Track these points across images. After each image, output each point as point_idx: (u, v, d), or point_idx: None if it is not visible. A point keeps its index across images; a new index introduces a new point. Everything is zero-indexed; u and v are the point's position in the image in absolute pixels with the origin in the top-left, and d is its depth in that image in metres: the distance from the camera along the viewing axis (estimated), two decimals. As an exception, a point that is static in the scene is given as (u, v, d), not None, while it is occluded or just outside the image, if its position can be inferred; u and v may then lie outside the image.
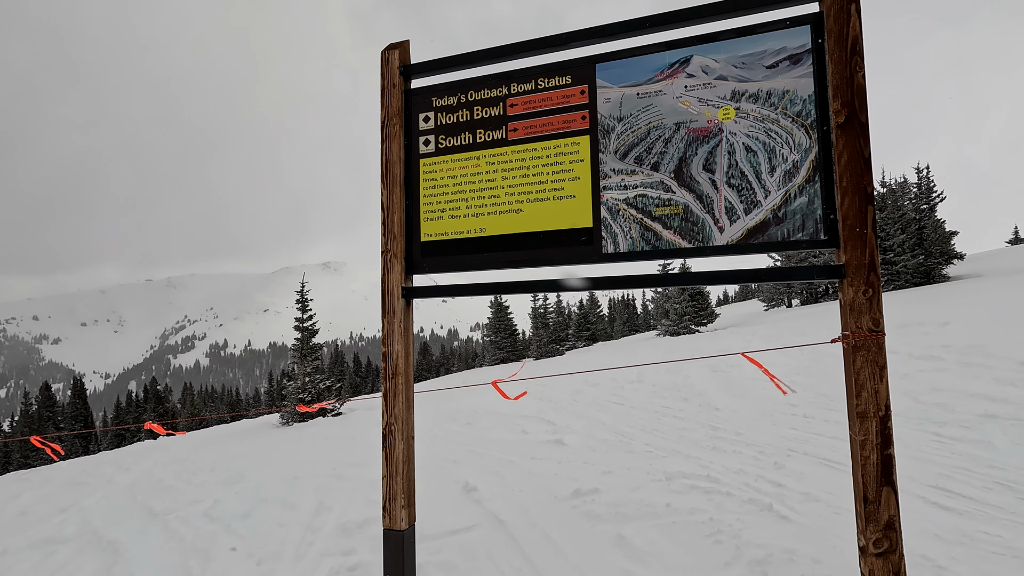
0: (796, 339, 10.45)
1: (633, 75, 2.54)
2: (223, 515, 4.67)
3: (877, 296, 2.15)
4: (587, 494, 3.91)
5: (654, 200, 2.45)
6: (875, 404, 2.12)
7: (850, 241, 2.16)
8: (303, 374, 15.19)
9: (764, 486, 3.65)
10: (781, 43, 2.34)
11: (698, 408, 6.45)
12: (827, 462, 3.99)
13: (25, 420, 43.39)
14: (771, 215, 2.30)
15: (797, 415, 5.39)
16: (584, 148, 2.58)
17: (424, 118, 2.92)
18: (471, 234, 2.76)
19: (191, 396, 57.80)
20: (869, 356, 2.13)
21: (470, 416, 8.25)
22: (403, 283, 2.85)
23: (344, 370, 59.45)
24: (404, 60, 2.98)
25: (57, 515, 5.84)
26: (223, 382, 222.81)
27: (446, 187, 2.82)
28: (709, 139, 2.39)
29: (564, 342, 36.41)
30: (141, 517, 5.14)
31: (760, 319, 24.45)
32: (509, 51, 2.73)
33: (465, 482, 4.60)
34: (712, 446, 4.81)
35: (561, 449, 5.45)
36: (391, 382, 2.84)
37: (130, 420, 45.82)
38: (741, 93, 2.37)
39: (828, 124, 2.24)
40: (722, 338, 15.20)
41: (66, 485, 8.13)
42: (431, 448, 6.35)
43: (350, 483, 5.21)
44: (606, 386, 9.02)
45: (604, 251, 2.51)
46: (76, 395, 43.81)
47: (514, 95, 2.73)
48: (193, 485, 6.36)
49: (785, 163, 2.29)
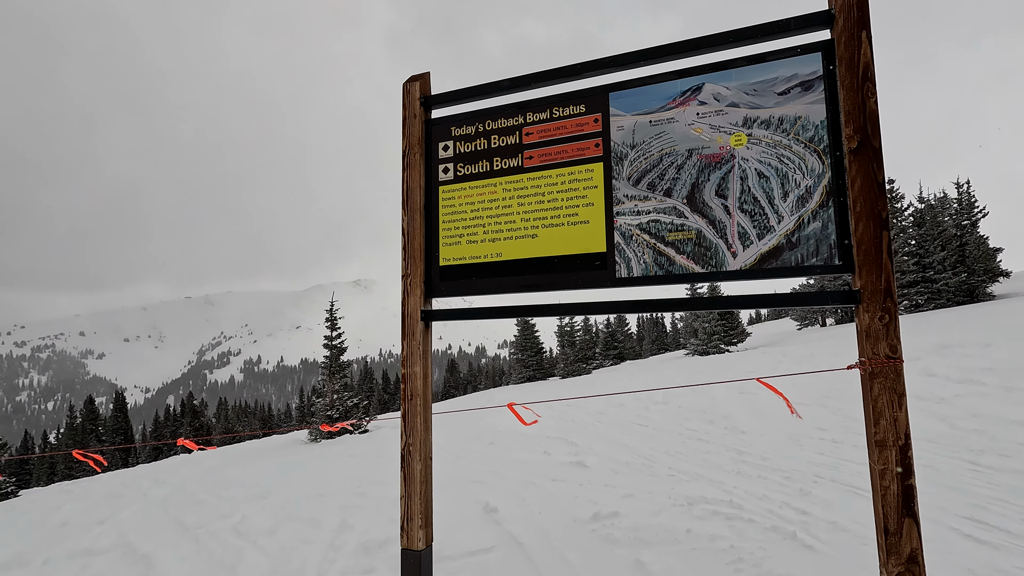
0: (830, 360, 10.16)
1: (646, 103, 2.59)
2: (250, 531, 4.78)
3: (894, 322, 2.12)
4: (607, 518, 3.87)
5: (667, 225, 2.48)
6: (894, 432, 2.08)
7: (865, 266, 2.15)
8: (331, 391, 15.44)
9: (789, 513, 3.56)
10: (792, 70, 2.37)
11: (724, 431, 6.33)
12: (856, 490, 3.86)
13: (70, 433, 45.09)
14: (785, 240, 2.30)
15: (825, 440, 5.24)
16: (598, 175, 2.64)
17: (443, 147, 3.02)
18: (488, 259, 2.83)
19: (225, 411, 59.16)
20: (887, 383, 2.09)
21: (493, 436, 8.25)
22: (422, 306, 2.93)
23: (373, 387, 60.05)
24: (425, 91, 3.10)
25: (95, 527, 6.05)
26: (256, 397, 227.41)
27: (464, 213, 2.91)
28: (721, 165, 2.42)
29: (591, 361, 36.09)
30: (173, 531, 5.29)
31: (792, 339, 23.82)
32: (525, 82, 2.82)
33: (486, 503, 4.61)
34: (736, 471, 4.71)
35: (583, 471, 5.41)
36: (410, 403, 2.90)
37: (168, 434, 47.11)
38: (753, 119, 2.40)
39: (841, 150, 2.25)
40: (752, 358, 14.86)
41: (105, 497, 8.42)
42: (454, 467, 6.37)
43: (373, 501, 5.27)
44: (631, 407, 8.92)
45: (618, 275, 2.54)
46: (118, 409, 45.34)
47: (529, 124, 2.81)
48: (223, 500, 6.52)
49: (798, 188, 2.30)
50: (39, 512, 7.93)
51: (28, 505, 9.51)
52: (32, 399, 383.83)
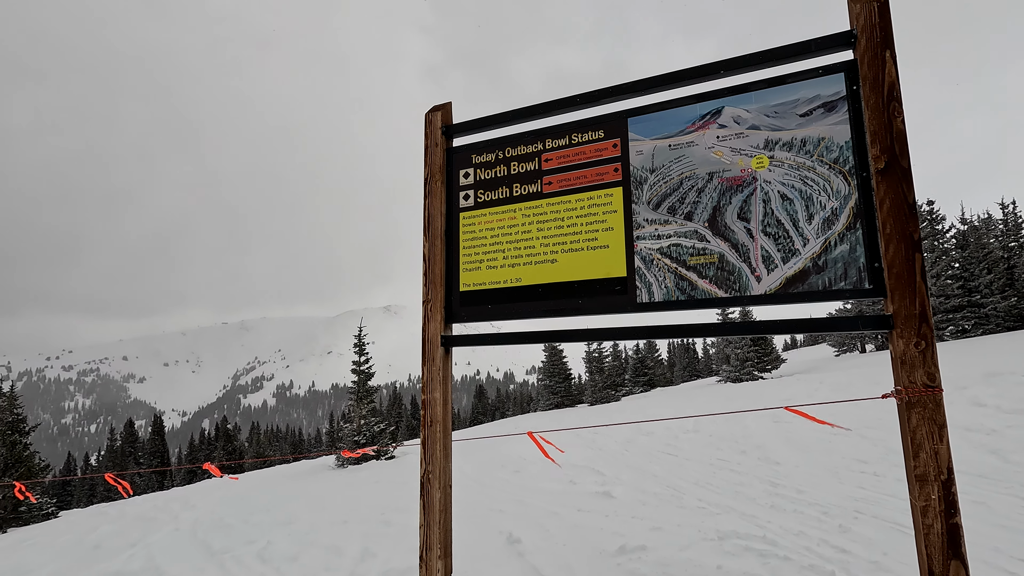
0: (869, 388, 9.74)
1: (665, 127, 2.58)
2: (274, 557, 4.78)
3: (931, 349, 2.02)
4: (633, 551, 3.73)
5: (688, 249, 2.44)
6: (935, 466, 1.96)
7: (897, 290, 2.06)
8: (359, 416, 15.52)
9: (827, 551, 3.36)
10: (814, 91, 2.33)
11: (756, 461, 6.08)
12: (900, 527, 3.64)
13: (110, 455, 46.36)
14: (811, 264, 2.23)
15: (867, 473, 4.97)
16: (617, 199, 2.62)
17: (464, 174, 3.06)
18: (507, 284, 2.82)
19: (258, 435, 60.02)
20: (925, 413, 1.98)
21: (519, 464, 8.13)
22: (443, 331, 2.94)
23: (402, 412, 60.16)
24: (446, 121, 3.16)
25: (127, 549, 6.15)
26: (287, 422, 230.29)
27: (484, 239, 2.92)
28: (743, 188, 2.38)
29: (620, 387, 35.45)
30: (200, 555, 5.33)
31: (829, 365, 22.97)
32: (544, 109, 2.85)
33: (509, 533, 4.51)
34: (770, 504, 4.50)
35: (609, 502, 5.26)
36: (429, 429, 2.88)
37: (202, 457, 47.93)
38: (775, 142, 2.36)
39: (868, 170, 2.18)
40: (787, 386, 14.35)
41: (137, 520, 8.57)
42: (478, 496, 6.28)
43: (396, 529, 5.22)
44: (660, 435, 8.67)
45: (639, 300, 2.50)
46: (155, 432, 46.48)
47: (549, 150, 2.83)
48: (250, 525, 6.55)
49: (823, 210, 2.24)
50: (75, 533, 8.11)
51: (66, 526, 9.75)
52: (76, 421, 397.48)
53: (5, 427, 16.96)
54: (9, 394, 17.86)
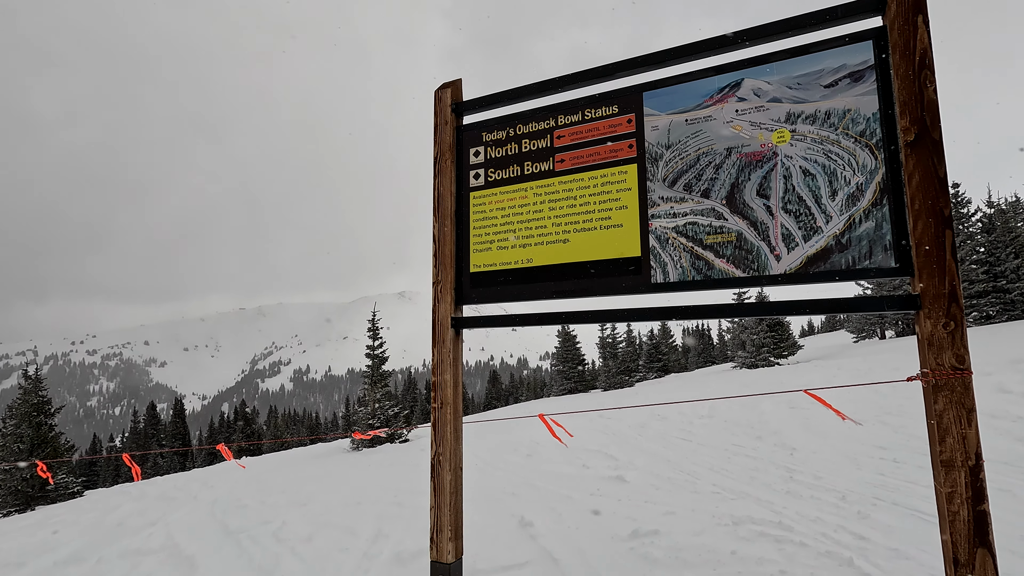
0: (890, 374, 9.56)
1: (681, 101, 2.49)
2: (289, 537, 4.84)
3: (960, 330, 1.93)
4: (646, 535, 3.70)
5: (705, 228, 2.36)
6: (963, 452, 1.88)
7: (926, 269, 1.96)
8: (373, 400, 15.67)
9: (845, 538, 3.30)
10: (840, 60, 2.22)
11: (773, 447, 6.00)
12: (921, 515, 3.55)
13: (133, 437, 47.59)
14: (833, 242, 2.14)
15: (886, 459, 4.87)
16: (631, 177, 2.54)
17: (474, 152, 2.99)
18: (518, 264, 2.77)
19: (275, 419, 61.11)
20: (953, 397, 1.90)
21: (531, 447, 8.13)
22: (452, 313, 2.90)
23: (416, 397, 60.78)
24: (456, 98, 3.09)
25: (147, 527, 6.29)
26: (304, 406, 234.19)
27: (495, 219, 2.86)
28: (763, 163, 2.28)
29: (634, 373, 35.36)
30: (217, 534, 5.42)
31: (848, 351, 22.62)
32: (556, 84, 2.76)
33: (521, 516, 4.51)
34: (786, 490, 4.43)
35: (622, 486, 5.23)
36: (440, 412, 2.86)
37: (222, 439, 48.98)
38: (797, 115, 2.25)
39: (896, 143, 2.08)
40: (804, 372, 14.17)
41: (158, 500, 8.77)
42: (491, 479, 6.29)
43: (409, 511, 5.25)
44: (674, 420, 8.62)
45: (653, 281, 2.43)
46: (176, 415, 47.57)
47: (561, 127, 2.75)
48: (266, 505, 6.65)
49: (848, 186, 2.14)
50: (99, 512, 8.32)
51: (90, 505, 10.02)
52: (101, 404, 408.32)
53: (31, 409, 17.44)
54: (34, 377, 18.33)
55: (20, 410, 17.53)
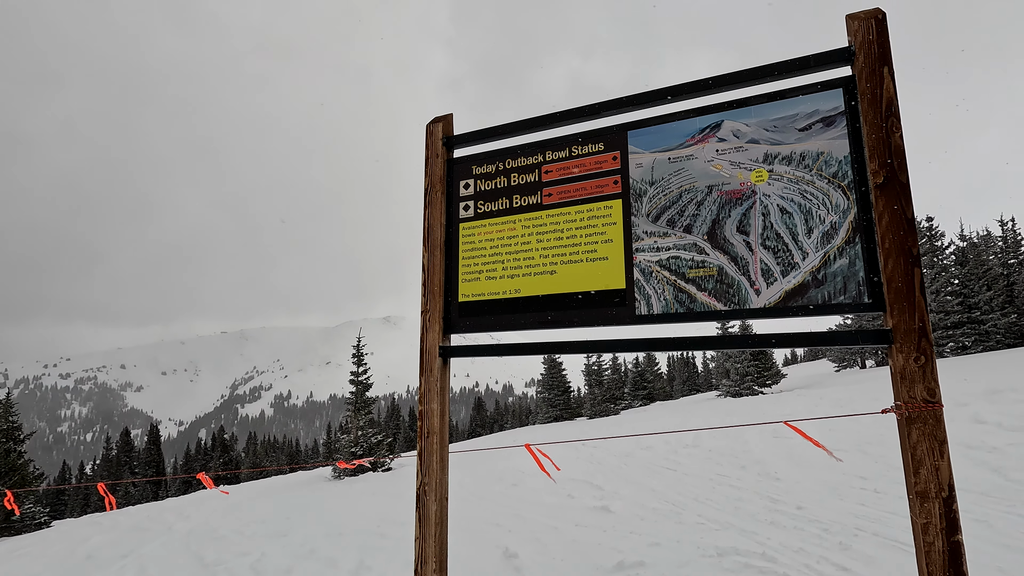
0: (869, 404, 9.69)
1: (664, 140, 2.59)
2: (267, 569, 4.72)
3: (931, 364, 2.00)
4: (631, 567, 3.69)
5: (687, 262, 2.43)
6: (936, 483, 1.94)
7: (897, 305, 2.05)
8: (356, 427, 15.42)
9: (827, 569, 3.32)
10: (813, 106, 2.34)
11: (757, 477, 6.03)
12: (901, 545, 3.59)
13: (105, 464, 45.99)
14: (810, 277, 2.22)
15: (867, 490, 4.92)
16: (616, 211, 2.62)
17: (464, 185, 3.07)
18: (506, 295, 2.82)
19: (254, 446, 59.60)
20: (926, 429, 1.97)
21: (517, 477, 8.06)
22: (441, 342, 2.92)
23: (400, 424, 59.82)
24: (447, 132, 3.18)
25: (118, 560, 6.08)
26: (285, 432, 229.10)
27: (483, 250, 2.92)
28: (742, 201, 2.38)
29: (619, 401, 35.27)
30: (192, 567, 5.27)
31: (830, 380, 22.88)
32: (544, 121, 2.87)
33: (506, 547, 4.46)
34: (770, 520, 4.45)
35: (607, 516, 5.20)
36: (426, 441, 2.85)
37: (198, 467, 47.57)
38: (774, 155, 2.36)
39: (867, 185, 2.19)
40: (787, 401, 14.29)
41: (131, 531, 8.48)
42: (475, 509, 6.22)
43: (392, 542, 5.16)
44: (659, 449, 8.61)
45: (637, 313, 2.49)
46: (151, 442, 46.15)
47: (549, 162, 2.84)
48: (244, 536, 6.48)
49: (823, 224, 2.24)
50: (67, 543, 8.02)
51: (58, 536, 9.64)
52: (72, 430, 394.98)
53: (0, 435, 16.85)
54: (4, 402, 17.77)
55: (-12, 436, 16.92)
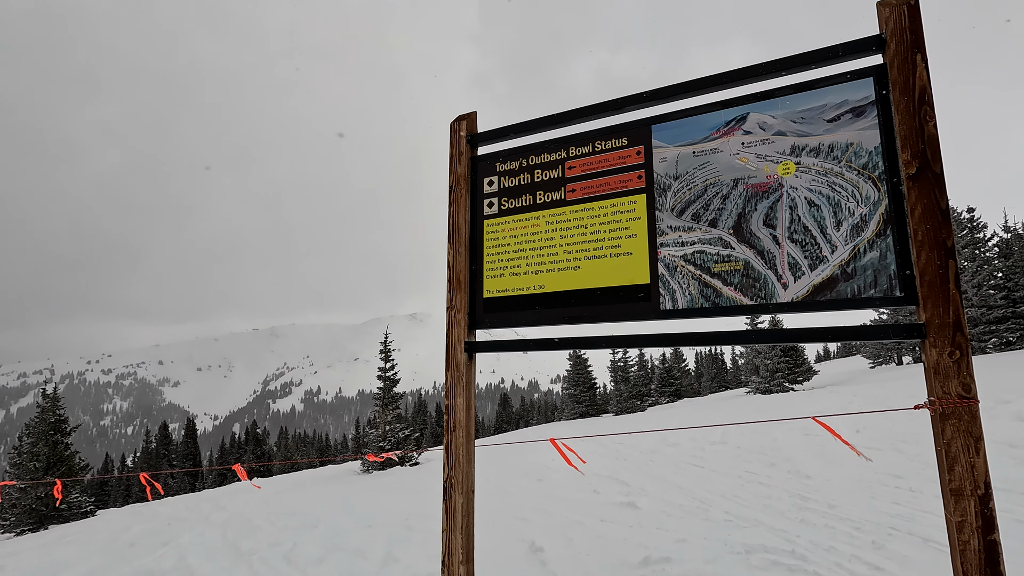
0: (906, 401, 9.41)
1: (689, 134, 2.57)
2: (299, 559, 4.85)
3: (966, 358, 1.96)
4: (657, 563, 3.68)
5: (713, 256, 2.42)
6: (972, 480, 1.89)
7: (930, 298, 2.01)
8: (384, 423, 15.67)
9: (859, 568, 3.26)
10: (842, 96, 2.30)
11: (786, 475, 5.93)
12: (937, 545, 3.50)
13: (145, 456, 47.73)
14: (839, 271, 2.19)
15: (902, 488, 4.80)
16: (641, 206, 2.62)
17: (488, 182, 3.10)
18: (531, 291, 2.84)
19: (286, 440, 61.03)
20: (961, 426, 1.92)
21: (542, 472, 8.09)
22: (466, 337, 2.96)
23: (426, 420, 60.47)
24: (471, 130, 3.21)
25: (159, 548, 6.32)
26: (315, 427, 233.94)
27: (507, 246, 2.95)
28: (769, 194, 2.35)
29: (646, 397, 34.97)
30: (229, 555, 5.45)
31: (864, 377, 22.26)
32: (567, 117, 2.87)
33: (532, 541, 4.49)
34: (800, 518, 4.38)
35: (633, 512, 5.19)
36: (452, 435, 2.91)
37: (232, 460, 48.96)
38: (801, 147, 2.33)
39: (898, 176, 2.14)
40: (818, 398, 13.97)
41: (170, 520, 8.81)
42: (501, 503, 6.27)
43: (420, 535, 5.25)
44: (686, 446, 8.53)
45: (662, 307, 2.49)
46: (188, 435, 47.70)
47: (572, 158, 2.85)
48: (277, 527, 6.67)
49: (852, 217, 2.20)
50: (111, 532, 8.37)
51: (102, 524, 10.08)
52: (114, 423, 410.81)
53: (48, 427, 17.64)
54: (52, 396, 18.59)
55: (37, 428, 17.76)
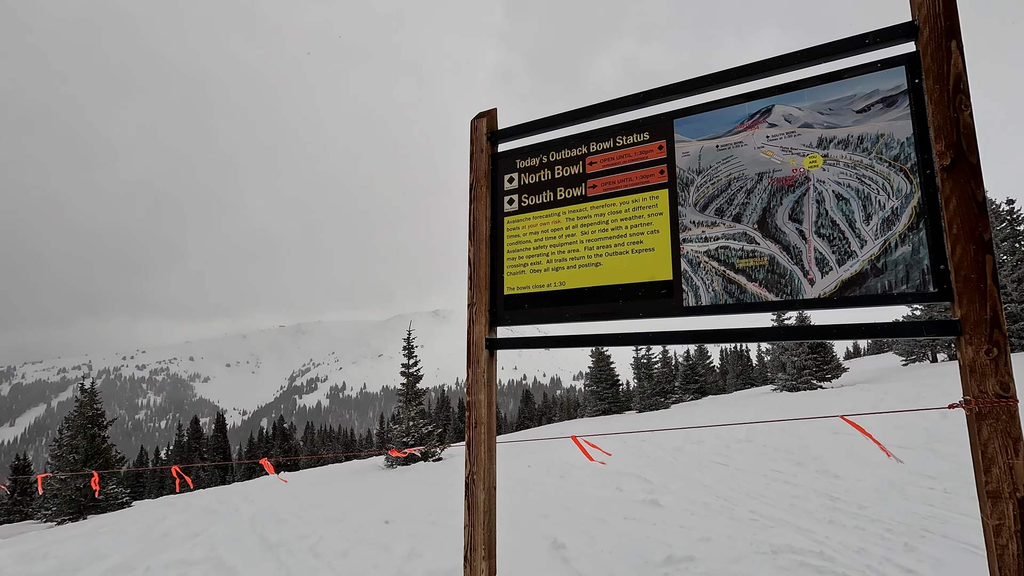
0: (940, 400, 9.14)
1: (712, 128, 2.53)
2: (325, 552, 4.94)
3: (1004, 356, 1.89)
4: (681, 562, 3.64)
5: (737, 252, 2.37)
6: (1010, 482, 1.83)
7: (966, 294, 1.94)
8: (407, 418, 15.83)
9: (890, 570, 3.18)
10: (872, 86, 2.23)
11: (814, 474, 5.81)
12: (973, 548, 3.39)
13: (178, 450, 49.17)
14: (868, 266, 2.13)
15: (935, 489, 4.66)
16: (663, 201, 2.58)
17: (509, 179, 3.09)
18: (551, 287, 2.83)
19: (312, 435, 62.16)
20: (999, 426, 1.86)
21: (565, 469, 8.08)
22: (487, 334, 2.97)
23: (449, 415, 60.93)
24: (491, 127, 3.21)
25: (191, 539, 6.51)
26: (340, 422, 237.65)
27: (528, 243, 2.94)
28: (795, 188, 2.30)
29: (670, 395, 34.62)
30: (258, 547, 5.58)
31: (896, 375, 21.65)
32: (588, 112, 2.85)
33: (554, 538, 4.49)
34: (829, 519, 4.29)
35: (656, 510, 5.15)
36: (474, 431, 2.92)
37: (260, 454, 50.09)
38: (829, 140, 2.27)
39: (932, 167, 2.07)
40: (848, 396, 13.63)
41: (201, 512, 9.05)
42: (523, 499, 6.28)
43: (442, 530, 5.29)
44: (710, 444, 8.42)
45: (685, 304, 2.45)
46: (218, 429, 48.95)
47: (593, 153, 2.82)
48: (303, 520, 6.80)
49: (883, 210, 2.13)
50: (146, 522, 8.64)
51: (138, 515, 10.41)
52: (148, 417, 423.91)
53: (86, 421, 18.29)
54: (90, 390, 19.26)
55: (76, 422, 18.44)
